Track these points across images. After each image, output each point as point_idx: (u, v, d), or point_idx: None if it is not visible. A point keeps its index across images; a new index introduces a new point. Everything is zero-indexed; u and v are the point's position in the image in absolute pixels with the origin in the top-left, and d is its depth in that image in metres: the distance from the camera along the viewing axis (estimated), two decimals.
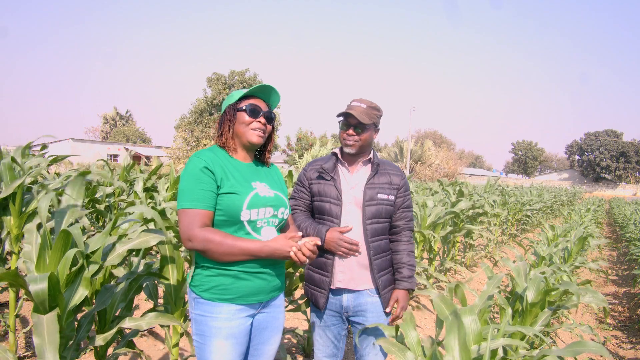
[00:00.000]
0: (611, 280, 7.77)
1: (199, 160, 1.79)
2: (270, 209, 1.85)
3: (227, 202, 1.77)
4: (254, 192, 1.82)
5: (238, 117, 1.89)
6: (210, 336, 1.78)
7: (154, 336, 3.73)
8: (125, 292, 2.22)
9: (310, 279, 2.28)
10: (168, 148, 30.86)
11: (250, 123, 1.88)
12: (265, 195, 1.85)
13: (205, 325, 1.79)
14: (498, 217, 8.36)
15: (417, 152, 37.82)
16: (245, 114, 1.88)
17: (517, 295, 2.81)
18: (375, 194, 2.19)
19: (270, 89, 1.94)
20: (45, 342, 1.62)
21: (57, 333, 1.64)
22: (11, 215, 2.95)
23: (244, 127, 1.88)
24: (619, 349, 4.58)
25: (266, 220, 1.84)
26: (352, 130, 2.18)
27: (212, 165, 1.78)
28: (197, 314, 1.81)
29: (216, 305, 1.78)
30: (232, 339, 1.79)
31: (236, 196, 1.78)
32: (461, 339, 1.52)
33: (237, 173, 1.84)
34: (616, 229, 15.63)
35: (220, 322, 1.78)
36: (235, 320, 1.80)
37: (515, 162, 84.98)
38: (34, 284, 1.63)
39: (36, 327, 1.64)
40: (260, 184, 1.88)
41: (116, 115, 57.93)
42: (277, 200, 1.89)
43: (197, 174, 1.76)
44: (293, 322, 4.30)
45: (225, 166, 1.83)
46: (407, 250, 2.27)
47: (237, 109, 1.90)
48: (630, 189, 65.40)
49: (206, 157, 1.80)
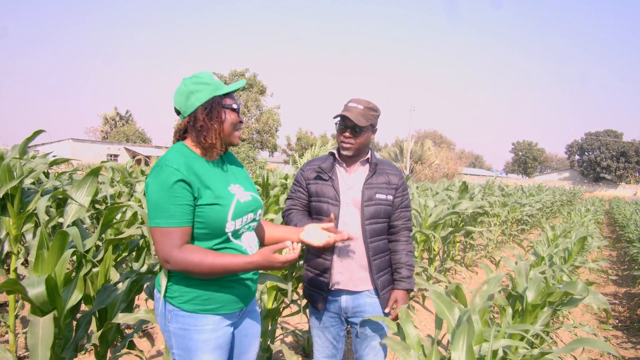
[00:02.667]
0: (611, 280, 7.76)
1: (172, 171, 1.56)
2: (251, 214, 1.74)
3: (208, 214, 1.60)
4: (235, 199, 1.67)
5: (229, 117, 1.69)
6: (196, 350, 1.65)
7: (146, 338, 3.72)
8: (126, 292, 2.22)
9: (309, 280, 2.27)
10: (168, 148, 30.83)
11: (237, 124, 1.72)
12: (246, 201, 1.72)
13: (189, 340, 1.65)
14: (498, 217, 8.36)
15: (417, 152, 37.83)
16: (236, 114, 1.71)
17: (517, 295, 2.81)
18: (374, 194, 2.18)
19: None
20: (38, 341, 1.65)
21: (51, 335, 1.66)
22: (10, 216, 2.95)
23: (233, 128, 1.71)
24: (619, 348, 4.57)
25: (247, 226, 1.74)
26: (349, 133, 2.15)
27: (187, 175, 1.57)
28: (177, 328, 1.66)
29: (200, 317, 1.65)
30: (219, 350, 1.69)
31: (219, 207, 1.61)
32: (469, 340, 1.51)
33: (213, 178, 1.66)
34: (616, 229, 15.62)
35: (206, 334, 1.65)
36: (220, 330, 1.69)
37: (515, 162, 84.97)
38: (32, 288, 1.64)
39: (32, 327, 1.66)
40: (235, 186, 1.73)
41: (116, 115, 57.93)
42: (255, 203, 1.77)
43: (170, 187, 1.55)
44: (293, 322, 4.30)
45: (199, 172, 1.62)
46: (406, 251, 2.26)
47: (225, 105, 1.68)
48: (630, 189, 65.40)
49: (178, 166, 1.58)
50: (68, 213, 2.05)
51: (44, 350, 1.62)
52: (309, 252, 2.29)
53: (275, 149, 32.03)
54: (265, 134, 30.54)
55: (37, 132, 3.09)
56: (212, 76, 1.70)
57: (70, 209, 2.06)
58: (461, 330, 1.53)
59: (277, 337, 3.77)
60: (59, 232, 1.83)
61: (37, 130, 3.08)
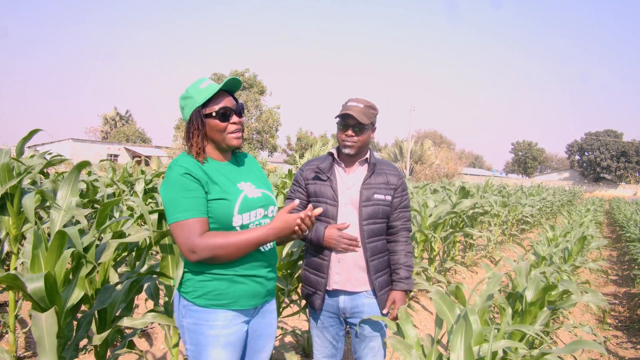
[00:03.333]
0: (611, 280, 7.76)
1: (179, 167, 1.66)
2: (261, 210, 1.78)
3: (216, 209, 1.67)
4: (242, 195, 1.73)
5: (209, 125, 1.72)
6: (207, 345, 1.69)
7: (146, 338, 3.72)
8: (126, 292, 2.22)
9: (307, 280, 2.27)
10: (168, 148, 30.85)
11: (226, 128, 1.73)
12: (254, 197, 1.76)
13: (200, 334, 1.70)
14: (498, 217, 8.36)
15: (417, 152, 37.83)
16: (217, 120, 1.71)
17: (517, 295, 2.81)
18: (372, 195, 2.18)
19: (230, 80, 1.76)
20: (44, 333, 1.66)
21: (55, 326, 1.69)
22: (9, 216, 2.96)
23: (221, 133, 1.73)
24: (619, 349, 4.57)
25: (258, 222, 1.76)
26: (351, 131, 2.16)
27: (194, 171, 1.66)
28: (190, 323, 1.71)
29: (212, 312, 1.70)
30: (230, 346, 1.72)
31: (225, 202, 1.68)
32: (467, 340, 1.51)
33: (221, 176, 1.73)
34: (616, 229, 15.62)
35: (217, 329, 1.69)
36: (233, 327, 1.72)
37: (515, 162, 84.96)
38: (30, 282, 1.65)
39: (35, 321, 1.68)
40: (246, 184, 1.78)
41: (116, 115, 57.90)
42: (265, 199, 1.81)
43: (182, 182, 1.64)
44: (293, 322, 4.30)
45: (207, 170, 1.71)
46: (405, 251, 2.25)
47: (204, 115, 1.71)
48: (630, 189, 65.38)
49: (186, 163, 1.68)
50: (53, 215, 2.04)
51: (50, 340, 1.65)
52: (307, 252, 2.29)
53: (275, 149, 32.01)
54: (265, 134, 30.51)
55: (33, 131, 3.08)
56: (197, 86, 1.73)
57: (55, 211, 2.04)
58: (458, 328, 1.53)
59: (277, 337, 3.77)
60: (58, 232, 1.83)
61: (33, 130, 3.07)
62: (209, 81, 1.76)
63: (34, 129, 3.07)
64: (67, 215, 2.04)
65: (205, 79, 1.77)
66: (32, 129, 3.04)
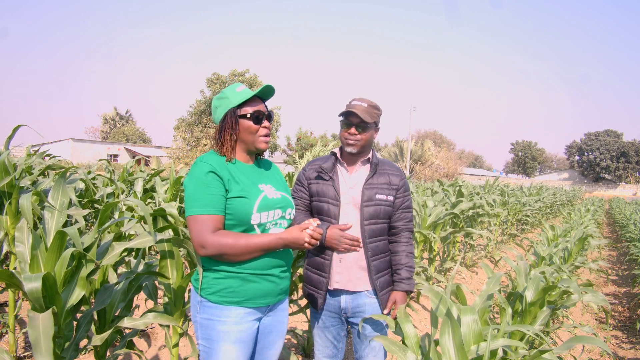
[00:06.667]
0: (611, 280, 7.76)
1: (204, 164, 1.75)
2: (279, 211, 1.85)
3: (236, 207, 1.74)
4: (262, 194, 1.80)
5: (242, 125, 1.83)
6: (217, 340, 1.75)
7: (145, 338, 3.71)
8: (124, 292, 2.22)
9: (309, 279, 2.27)
10: (168, 148, 30.83)
11: (257, 130, 1.84)
12: (274, 197, 1.84)
13: (212, 330, 1.75)
14: (498, 217, 8.35)
15: (417, 152, 37.83)
16: (251, 122, 1.82)
17: (517, 295, 2.81)
18: (374, 195, 2.18)
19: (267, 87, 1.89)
20: (40, 334, 1.66)
21: (52, 328, 1.68)
22: (8, 216, 2.95)
23: (252, 135, 1.84)
24: (619, 349, 4.57)
25: (275, 222, 1.83)
26: (354, 130, 2.16)
27: (218, 169, 1.75)
28: (203, 318, 1.78)
29: (224, 308, 1.75)
30: (240, 343, 1.76)
31: (245, 200, 1.75)
32: (456, 338, 1.51)
33: (244, 176, 1.81)
34: (616, 229, 15.63)
35: (228, 325, 1.75)
36: (244, 324, 1.77)
37: (515, 162, 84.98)
38: (28, 282, 1.65)
39: (32, 322, 1.68)
40: (266, 186, 1.86)
41: (116, 115, 57.93)
42: (284, 201, 1.88)
43: (204, 179, 1.72)
44: (293, 322, 4.29)
45: (231, 169, 1.79)
46: (406, 252, 2.25)
47: (239, 115, 1.82)
48: (630, 189, 65.41)
49: (212, 161, 1.77)
50: (46, 217, 2.04)
51: (46, 342, 1.65)
52: (309, 251, 2.29)
53: (275, 149, 32.02)
54: None
55: (16, 127, 3.08)
56: (234, 89, 1.86)
57: (47, 213, 2.05)
58: (444, 327, 1.53)
59: None
60: (58, 232, 1.83)
61: (16, 126, 3.08)
62: (244, 86, 1.87)
63: (17, 125, 3.08)
64: (62, 216, 2.05)
65: (240, 84, 1.89)
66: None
